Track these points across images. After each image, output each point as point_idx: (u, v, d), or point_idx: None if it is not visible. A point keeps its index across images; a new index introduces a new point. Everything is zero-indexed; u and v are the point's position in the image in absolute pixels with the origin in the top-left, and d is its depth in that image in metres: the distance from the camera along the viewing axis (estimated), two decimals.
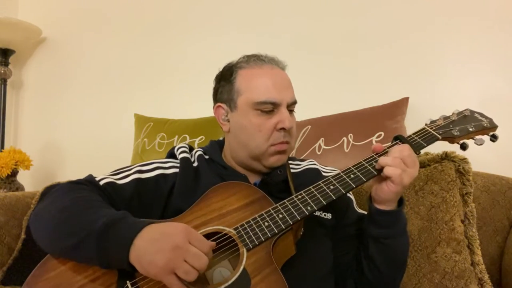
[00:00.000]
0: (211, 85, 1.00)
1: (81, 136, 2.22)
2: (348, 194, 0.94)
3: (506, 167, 1.29)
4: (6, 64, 2.27)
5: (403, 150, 0.75)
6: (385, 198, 0.76)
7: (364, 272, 0.83)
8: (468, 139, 0.84)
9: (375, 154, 0.78)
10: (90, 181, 0.79)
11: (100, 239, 0.64)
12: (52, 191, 0.77)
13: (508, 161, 1.36)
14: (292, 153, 1.47)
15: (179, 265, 0.59)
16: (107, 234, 0.64)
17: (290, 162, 0.94)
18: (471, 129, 0.82)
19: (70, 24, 2.34)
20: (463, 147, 0.83)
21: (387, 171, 0.73)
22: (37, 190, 1.52)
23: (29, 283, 0.67)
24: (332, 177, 0.77)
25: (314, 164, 0.97)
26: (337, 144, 1.40)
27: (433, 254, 0.95)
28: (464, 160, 0.99)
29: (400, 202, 0.80)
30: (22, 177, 2.12)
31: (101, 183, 0.79)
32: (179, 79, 2.02)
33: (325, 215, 0.86)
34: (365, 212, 0.88)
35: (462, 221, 0.95)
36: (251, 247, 0.68)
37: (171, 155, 0.94)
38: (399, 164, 0.73)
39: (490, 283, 0.90)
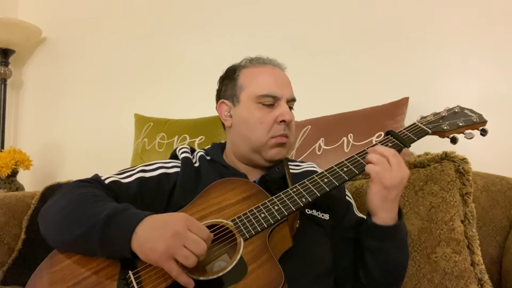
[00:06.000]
0: (211, 85, 1.01)
1: (81, 136, 2.22)
2: (347, 198, 0.95)
3: (506, 167, 1.29)
4: (6, 64, 2.27)
5: (387, 149, 0.77)
6: (372, 202, 0.77)
7: (360, 279, 0.84)
8: (458, 133, 0.87)
9: (367, 148, 0.80)
10: (96, 180, 0.83)
11: (103, 229, 0.66)
12: (60, 189, 0.80)
13: (508, 161, 1.36)
14: (292, 154, 1.47)
15: (179, 250, 0.61)
16: (110, 224, 0.67)
17: (290, 163, 0.96)
18: (460, 124, 0.85)
19: (70, 24, 2.34)
20: (453, 140, 0.86)
21: (367, 167, 0.76)
22: (37, 190, 1.52)
23: (35, 276, 0.71)
24: (326, 171, 0.79)
25: (314, 167, 0.99)
26: (337, 144, 1.40)
27: (433, 254, 0.95)
28: (464, 160, 0.99)
29: (400, 215, 0.80)
30: (22, 177, 2.12)
31: (107, 181, 0.83)
32: (179, 79, 2.02)
33: (322, 215, 0.87)
34: (365, 217, 0.88)
35: (462, 221, 0.95)
36: (248, 237, 0.70)
37: (173, 156, 0.97)
38: (380, 162, 0.75)
39: (490, 283, 0.90)
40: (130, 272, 0.67)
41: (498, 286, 1.05)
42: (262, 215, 0.73)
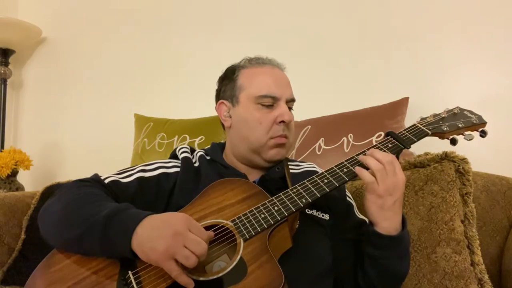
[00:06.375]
0: (211, 85, 1.01)
1: (81, 136, 2.22)
2: (348, 198, 0.94)
3: (506, 167, 1.29)
4: (6, 64, 2.27)
5: (384, 156, 0.75)
6: (369, 212, 0.77)
7: (358, 283, 0.84)
8: (457, 134, 0.87)
9: (367, 149, 0.80)
10: (95, 179, 0.83)
11: (103, 228, 0.66)
12: (59, 189, 0.80)
13: (508, 161, 1.36)
14: (292, 154, 1.47)
15: (179, 251, 0.61)
16: (110, 224, 0.66)
17: (289, 163, 0.96)
18: (460, 125, 0.85)
19: (70, 24, 2.34)
20: (453, 142, 0.86)
21: (362, 175, 0.75)
22: (37, 190, 1.52)
23: (34, 276, 0.70)
24: (326, 172, 0.79)
25: (314, 167, 0.99)
26: (337, 144, 1.40)
27: (433, 254, 0.95)
28: (464, 160, 0.98)
29: (404, 224, 0.79)
30: (22, 177, 2.12)
31: (106, 181, 0.83)
32: (179, 79, 2.02)
33: (322, 215, 0.87)
34: (366, 219, 0.89)
35: (462, 221, 0.95)
36: (247, 237, 0.70)
37: (173, 156, 0.97)
38: (378, 169, 0.74)
39: (490, 283, 0.90)
40: (129, 272, 0.67)
41: (498, 286, 1.05)
42: (262, 215, 0.73)
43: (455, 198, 0.97)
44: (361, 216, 0.92)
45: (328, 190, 0.76)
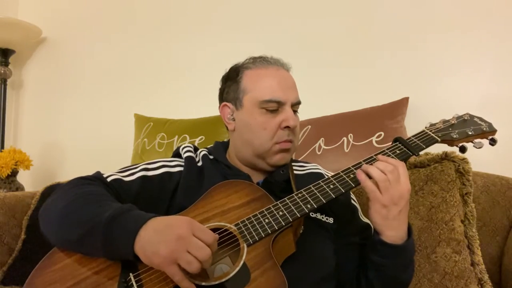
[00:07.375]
0: (211, 85, 1.00)
1: (81, 136, 2.22)
2: (353, 202, 0.93)
3: (506, 167, 1.29)
4: (6, 64, 2.27)
5: (387, 166, 0.74)
6: (374, 222, 0.76)
7: (361, 286, 0.83)
8: (467, 142, 0.86)
9: (374, 155, 0.79)
10: (97, 177, 0.81)
11: (106, 230, 0.65)
12: (61, 186, 0.78)
13: (508, 161, 1.36)
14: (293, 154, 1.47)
15: (182, 256, 0.60)
16: (113, 225, 0.65)
17: (294, 164, 0.95)
18: (470, 133, 0.84)
19: (70, 24, 2.34)
20: (462, 149, 0.85)
21: (364, 184, 0.74)
22: (37, 190, 1.52)
23: (34, 275, 0.69)
24: (332, 177, 0.78)
25: (318, 169, 0.97)
26: (337, 144, 1.40)
27: (433, 254, 0.95)
28: (464, 160, 0.99)
29: (409, 232, 0.78)
30: (22, 177, 2.12)
31: (108, 179, 0.81)
32: (179, 79, 2.02)
33: (327, 219, 0.86)
34: (370, 222, 0.87)
35: (462, 221, 0.95)
36: (251, 242, 0.69)
37: (177, 154, 0.95)
38: (381, 179, 0.73)
39: (490, 283, 0.90)
40: (131, 274, 0.66)
41: (498, 286, 1.06)
42: (266, 220, 0.72)
43: (455, 198, 0.97)
44: (366, 220, 0.91)
45: (334, 196, 0.75)
